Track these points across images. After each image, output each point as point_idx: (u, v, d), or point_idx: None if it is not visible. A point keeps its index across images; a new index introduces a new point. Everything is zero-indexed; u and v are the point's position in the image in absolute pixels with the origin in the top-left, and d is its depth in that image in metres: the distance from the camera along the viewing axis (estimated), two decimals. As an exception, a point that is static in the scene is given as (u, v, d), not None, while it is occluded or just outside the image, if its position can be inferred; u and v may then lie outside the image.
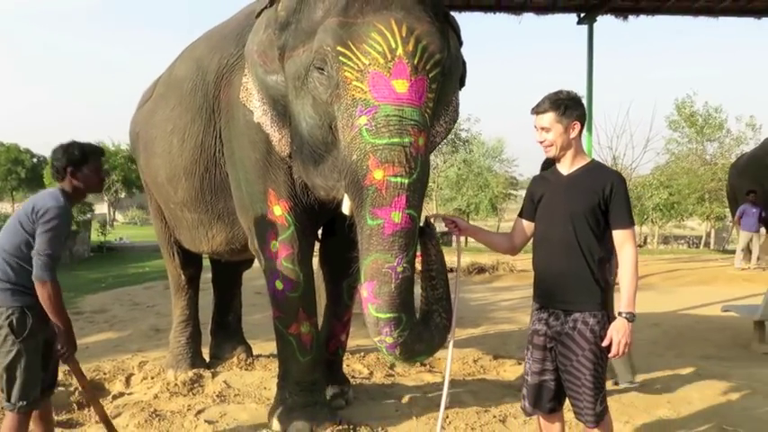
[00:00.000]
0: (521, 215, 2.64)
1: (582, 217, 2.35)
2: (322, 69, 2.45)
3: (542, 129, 2.43)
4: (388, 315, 2.27)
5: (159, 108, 3.88)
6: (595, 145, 16.12)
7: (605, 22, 12.00)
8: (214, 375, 4.28)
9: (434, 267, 2.46)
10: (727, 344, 5.59)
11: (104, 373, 4.49)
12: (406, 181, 2.27)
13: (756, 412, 3.62)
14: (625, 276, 2.33)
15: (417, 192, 2.32)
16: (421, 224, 2.43)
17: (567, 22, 12.09)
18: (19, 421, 2.64)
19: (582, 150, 2.48)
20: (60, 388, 3.99)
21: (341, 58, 2.36)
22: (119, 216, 38.60)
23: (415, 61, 2.31)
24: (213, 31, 3.83)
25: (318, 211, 3.19)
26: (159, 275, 11.29)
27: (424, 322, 2.42)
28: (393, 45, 2.30)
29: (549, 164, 2.63)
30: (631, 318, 2.30)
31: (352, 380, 4.06)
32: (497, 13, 11.62)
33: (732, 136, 20.78)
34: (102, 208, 30.67)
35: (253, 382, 4.16)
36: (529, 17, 11.66)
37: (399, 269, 2.25)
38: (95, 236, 16.64)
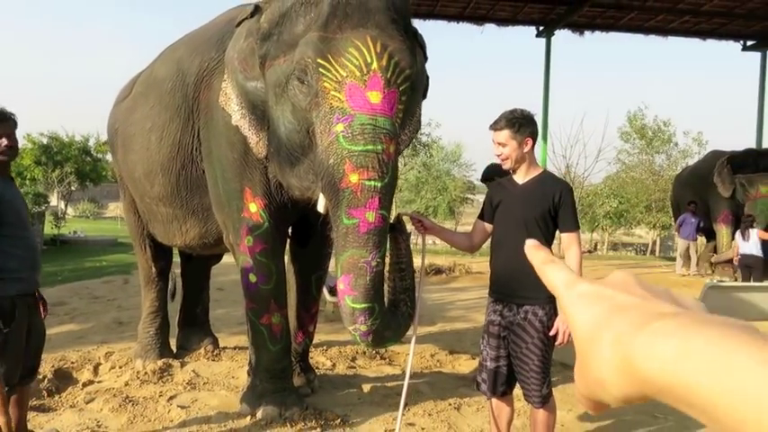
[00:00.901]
0: (481, 217, 2.93)
1: (534, 222, 2.66)
2: (302, 79, 2.66)
3: (499, 144, 2.73)
4: (363, 305, 2.50)
5: (138, 106, 4.02)
6: (550, 153, 16.68)
7: (563, 36, 12.54)
8: (183, 365, 4.43)
9: (404, 260, 2.71)
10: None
11: (72, 363, 4.58)
12: (379, 184, 2.51)
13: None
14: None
15: (388, 194, 2.57)
16: (392, 221, 2.68)
17: (526, 34, 12.56)
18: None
19: (535, 162, 2.79)
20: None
21: (321, 69, 2.58)
22: (69, 209, 37.65)
23: (388, 75, 2.55)
24: (194, 34, 3.99)
25: (291, 209, 3.40)
26: (117, 270, 11.25)
27: (392, 311, 2.66)
28: (369, 60, 2.53)
29: (491, 172, 2.93)
30: None
31: (316, 371, 4.27)
32: (460, 23, 12.00)
33: (679, 149, 21.77)
34: (53, 200, 29.87)
35: (221, 371, 4.33)
36: (490, 27, 12.09)
37: (374, 263, 2.49)
38: (48, 228, 16.31)
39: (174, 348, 4.80)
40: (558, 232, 2.77)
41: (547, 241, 2.69)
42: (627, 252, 26.02)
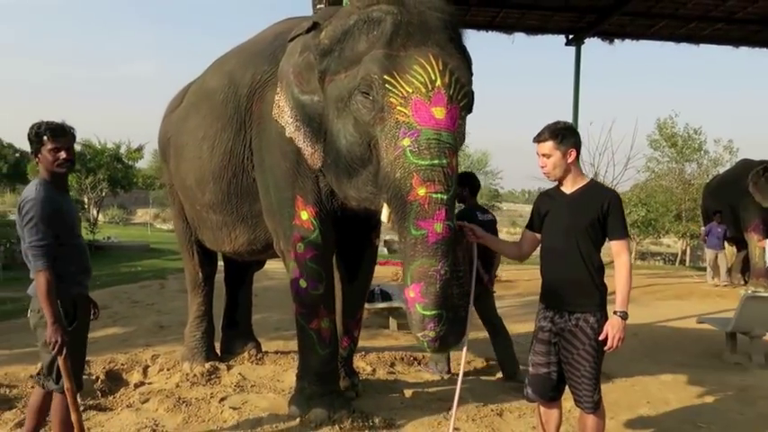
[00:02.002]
0: (529, 227, 3.00)
1: (583, 230, 2.72)
2: (367, 94, 2.78)
3: (543, 155, 2.79)
4: (434, 312, 2.61)
5: (191, 116, 4.17)
6: (581, 163, 16.58)
7: (592, 44, 12.52)
8: (229, 368, 4.56)
9: (461, 269, 2.80)
10: (700, 353, 5.97)
11: (121, 365, 4.73)
12: (445, 197, 2.63)
13: (727, 413, 4.00)
14: (620, 280, 2.69)
15: (453, 205, 2.70)
16: None
17: (556, 43, 12.57)
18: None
19: (581, 172, 2.86)
20: (83, 376, 4.26)
21: (387, 85, 2.70)
22: (99, 215, 38.38)
23: (451, 92, 2.68)
24: (243, 47, 4.14)
25: (340, 217, 3.51)
26: (152, 275, 11.49)
27: (452, 317, 2.74)
28: (433, 77, 2.66)
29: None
30: (624, 316, 2.67)
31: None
32: (490, 32, 12.06)
33: (710, 157, 21.45)
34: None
35: (266, 374, 4.45)
36: (520, 37, 12.11)
37: (443, 272, 2.61)
38: (84, 234, 16.66)
39: (218, 352, 4.93)
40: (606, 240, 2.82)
41: (596, 249, 2.76)
42: (655, 261, 25.70)
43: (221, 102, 3.86)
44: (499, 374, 4.80)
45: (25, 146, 3.05)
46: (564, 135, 2.76)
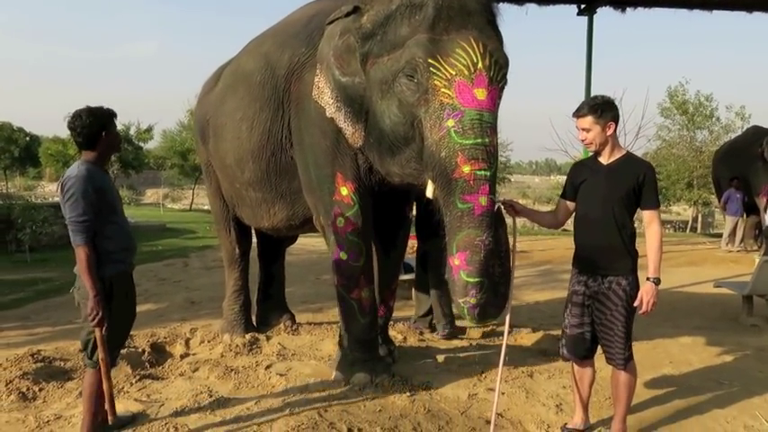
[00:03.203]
0: (564, 196, 3.15)
1: (620, 200, 2.88)
2: (412, 77, 2.93)
3: (583, 129, 2.94)
4: (477, 279, 2.77)
5: (228, 97, 4.32)
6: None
7: (604, 13, 12.48)
8: (268, 338, 4.78)
9: (503, 248, 2.95)
10: (717, 317, 6.14)
11: (164, 338, 4.96)
12: (488, 173, 2.80)
13: (748, 371, 4.18)
14: (652, 248, 2.86)
15: (494, 181, 2.85)
16: None
17: (568, 12, 12.52)
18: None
19: (618, 144, 2.99)
20: (131, 349, 4.48)
21: (431, 68, 2.85)
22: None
23: (491, 74, 2.83)
24: (278, 29, 4.25)
25: (378, 192, 3.68)
26: (174, 254, 11.73)
27: (493, 292, 2.90)
28: (474, 59, 2.80)
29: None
30: (657, 281, 2.85)
31: (391, 343, 4.56)
32: (501, 3, 12.04)
33: (721, 124, 21.34)
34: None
35: (304, 344, 4.67)
36: (532, 7, 12.11)
37: (487, 242, 2.78)
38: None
39: (255, 324, 5.14)
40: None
41: (629, 217, 2.92)
42: (666, 229, 25.82)
43: (259, 83, 4.00)
44: (521, 341, 5.01)
45: (36, 129, 3.05)
46: (603, 109, 2.90)
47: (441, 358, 4.41)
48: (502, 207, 3.01)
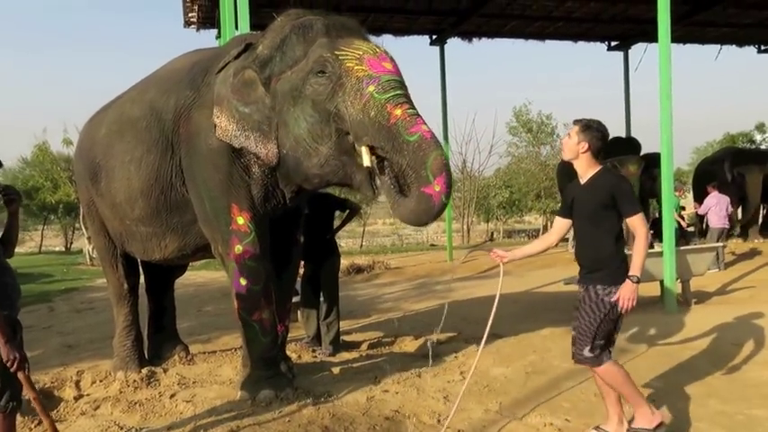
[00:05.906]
0: (560, 215, 3.48)
1: (599, 211, 3.19)
2: (322, 72, 3.38)
3: (568, 134, 3.33)
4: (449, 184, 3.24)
5: (115, 142, 4.44)
6: (450, 153, 17.89)
7: (454, 44, 13.65)
8: (165, 371, 4.80)
9: None
10: (570, 309, 6.88)
11: (51, 382, 4.78)
12: (416, 111, 3.30)
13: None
14: (637, 249, 3.10)
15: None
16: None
17: (421, 42, 13.59)
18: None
19: (593, 164, 3.27)
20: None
21: (340, 56, 3.34)
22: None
23: (390, 56, 3.42)
24: (160, 77, 4.49)
25: (272, 218, 3.99)
26: (35, 299, 10.91)
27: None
28: (373, 47, 3.42)
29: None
30: (636, 280, 3.06)
31: (288, 361, 4.80)
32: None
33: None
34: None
35: (203, 371, 4.78)
36: (388, 38, 12.96)
37: (446, 159, 3.26)
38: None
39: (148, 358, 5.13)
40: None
41: (608, 229, 3.17)
42: (521, 238, 28.00)
43: (145, 128, 4.20)
44: (407, 347, 5.48)
45: None
46: (587, 129, 3.24)
47: (336, 370, 4.74)
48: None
